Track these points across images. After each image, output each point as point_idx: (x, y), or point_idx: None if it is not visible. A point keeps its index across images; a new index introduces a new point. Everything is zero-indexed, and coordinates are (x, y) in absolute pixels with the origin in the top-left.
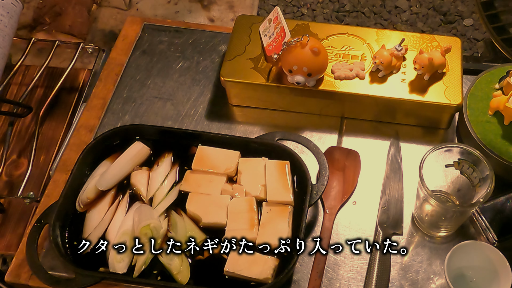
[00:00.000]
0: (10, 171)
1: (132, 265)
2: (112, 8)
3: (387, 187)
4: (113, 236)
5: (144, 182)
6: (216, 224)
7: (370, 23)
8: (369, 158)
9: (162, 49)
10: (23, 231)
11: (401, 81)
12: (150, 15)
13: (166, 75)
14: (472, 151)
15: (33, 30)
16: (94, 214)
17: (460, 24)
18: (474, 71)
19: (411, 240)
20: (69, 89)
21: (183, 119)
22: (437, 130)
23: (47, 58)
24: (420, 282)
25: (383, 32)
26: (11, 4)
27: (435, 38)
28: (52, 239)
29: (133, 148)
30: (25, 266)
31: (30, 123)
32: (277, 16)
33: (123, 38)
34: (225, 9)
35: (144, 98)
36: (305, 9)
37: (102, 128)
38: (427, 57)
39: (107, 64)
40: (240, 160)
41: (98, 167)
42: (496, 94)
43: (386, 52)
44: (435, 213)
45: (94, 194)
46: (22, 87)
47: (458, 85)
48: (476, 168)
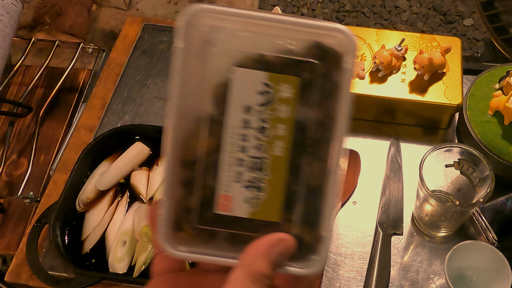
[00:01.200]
0: (10, 171)
1: (132, 265)
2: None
3: (387, 187)
4: (113, 236)
5: (144, 182)
6: None
7: (370, 23)
8: (369, 158)
9: (162, 49)
10: (23, 231)
11: (401, 81)
12: (150, 15)
13: (166, 75)
14: (472, 151)
15: (33, 30)
16: (94, 214)
17: (460, 24)
18: (474, 71)
19: (411, 240)
20: (69, 89)
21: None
22: (437, 130)
23: (47, 58)
24: (420, 282)
25: (383, 32)
26: (11, 4)
27: (435, 38)
28: (52, 239)
29: (133, 149)
30: (25, 266)
31: (30, 123)
32: None
33: (123, 38)
34: None
35: (144, 98)
36: (305, 9)
37: (102, 128)
38: (427, 57)
39: (107, 64)
40: None
41: (98, 167)
42: (496, 94)
43: (386, 52)
44: (435, 213)
45: (94, 194)
46: (22, 87)
47: (458, 85)
48: (476, 168)
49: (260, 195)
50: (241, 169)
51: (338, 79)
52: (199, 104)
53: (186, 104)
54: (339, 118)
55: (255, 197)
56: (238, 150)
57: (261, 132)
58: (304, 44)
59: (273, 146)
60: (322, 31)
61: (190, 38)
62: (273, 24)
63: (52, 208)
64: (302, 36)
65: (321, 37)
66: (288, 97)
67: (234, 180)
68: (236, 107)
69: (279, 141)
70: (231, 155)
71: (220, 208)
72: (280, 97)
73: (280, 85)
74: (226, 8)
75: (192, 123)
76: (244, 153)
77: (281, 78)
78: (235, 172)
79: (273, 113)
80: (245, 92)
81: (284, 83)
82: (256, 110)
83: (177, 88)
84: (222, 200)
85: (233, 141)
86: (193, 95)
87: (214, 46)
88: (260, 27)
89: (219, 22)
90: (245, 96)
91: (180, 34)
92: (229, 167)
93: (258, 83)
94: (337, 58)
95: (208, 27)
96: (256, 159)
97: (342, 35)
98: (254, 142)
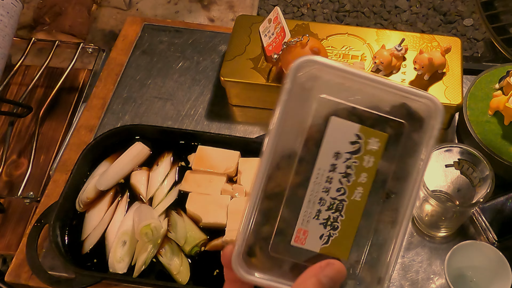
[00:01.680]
0: (10, 171)
1: (132, 265)
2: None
3: None
4: (113, 236)
5: (144, 182)
6: (216, 224)
7: (370, 23)
8: None
9: (162, 49)
10: (23, 231)
11: (401, 81)
12: (150, 15)
13: (166, 75)
14: (472, 151)
15: (33, 30)
16: (94, 214)
17: (460, 24)
18: (474, 71)
19: (411, 240)
20: (69, 89)
21: (183, 119)
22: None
23: (47, 58)
24: (420, 282)
25: (383, 32)
26: (11, 4)
27: (435, 38)
28: (52, 239)
29: (133, 149)
30: (25, 266)
31: (30, 123)
32: (277, 16)
33: (123, 38)
34: (225, 9)
35: (144, 98)
36: (305, 9)
37: (102, 128)
38: (427, 57)
39: (107, 64)
40: (240, 160)
41: (98, 167)
42: (496, 94)
43: (386, 52)
44: (435, 213)
45: (94, 194)
46: (22, 87)
47: (458, 85)
48: (476, 168)
49: (333, 233)
50: (321, 208)
51: (419, 139)
52: (293, 143)
53: (282, 141)
54: (415, 174)
55: (329, 234)
56: (322, 190)
57: (345, 177)
58: (394, 104)
59: (353, 191)
60: (412, 96)
61: (296, 82)
62: (368, 82)
63: (52, 208)
64: (393, 97)
65: (409, 100)
66: (374, 150)
67: (313, 217)
68: (328, 151)
69: (360, 187)
70: (315, 194)
71: (296, 240)
72: (367, 149)
73: (370, 138)
74: (331, 62)
75: (284, 159)
76: (326, 194)
77: (371, 132)
78: (316, 209)
79: (359, 162)
80: (338, 140)
81: (373, 136)
82: (345, 157)
83: (277, 126)
84: (299, 234)
85: (319, 182)
86: (289, 134)
87: (315, 94)
88: (357, 83)
89: (322, 73)
90: (337, 143)
91: (289, 77)
92: (312, 204)
93: (351, 134)
94: (421, 120)
95: (312, 76)
96: (336, 201)
97: (430, 102)
98: (337, 185)
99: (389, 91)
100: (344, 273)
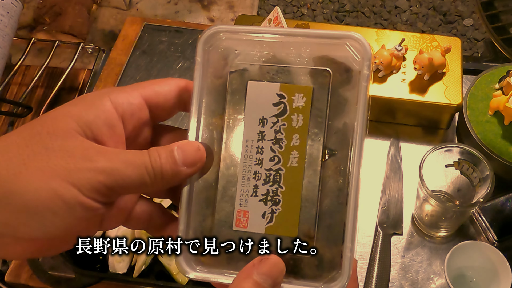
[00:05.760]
0: None
1: (132, 265)
2: (112, 8)
3: (387, 187)
4: (113, 236)
5: None
6: None
7: (370, 23)
8: (369, 158)
9: (162, 49)
10: None
11: (401, 81)
12: (150, 15)
13: (166, 75)
14: (472, 151)
15: (33, 30)
16: None
17: (460, 24)
18: (474, 71)
19: (411, 240)
20: (69, 89)
21: (183, 119)
22: (437, 130)
23: (47, 58)
24: (420, 282)
25: (383, 32)
26: (11, 4)
27: (435, 38)
28: None
29: None
30: (25, 266)
31: None
32: (277, 16)
33: (123, 38)
34: (225, 9)
35: None
36: (305, 9)
37: None
38: (427, 57)
39: (107, 64)
40: None
41: None
42: (496, 94)
43: (386, 52)
44: (435, 213)
45: None
46: (22, 87)
47: (458, 85)
48: (476, 168)
49: (276, 209)
50: (257, 183)
51: (350, 85)
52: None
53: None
54: (355, 124)
55: (271, 211)
56: (255, 163)
57: (276, 143)
58: (314, 54)
59: (288, 157)
60: (334, 40)
61: (206, 56)
62: (279, 37)
63: None
64: (312, 46)
65: (330, 46)
66: (301, 106)
67: (250, 195)
68: (252, 119)
69: (294, 151)
70: (248, 168)
71: (237, 224)
72: (293, 107)
73: (293, 95)
74: (236, 27)
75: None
76: (260, 166)
77: (294, 88)
78: (252, 186)
79: (287, 123)
80: (260, 104)
81: (296, 92)
82: (271, 122)
83: (196, 107)
84: (240, 216)
85: (250, 154)
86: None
87: (229, 62)
88: (269, 41)
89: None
90: (260, 108)
91: (198, 52)
92: (247, 181)
93: (272, 95)
94: (348, 63)
95: (221, 45)
96: (272, 171)
97: (353, 41)
98: (270, 154)
99: (306, 41)
100: (282, 265)
